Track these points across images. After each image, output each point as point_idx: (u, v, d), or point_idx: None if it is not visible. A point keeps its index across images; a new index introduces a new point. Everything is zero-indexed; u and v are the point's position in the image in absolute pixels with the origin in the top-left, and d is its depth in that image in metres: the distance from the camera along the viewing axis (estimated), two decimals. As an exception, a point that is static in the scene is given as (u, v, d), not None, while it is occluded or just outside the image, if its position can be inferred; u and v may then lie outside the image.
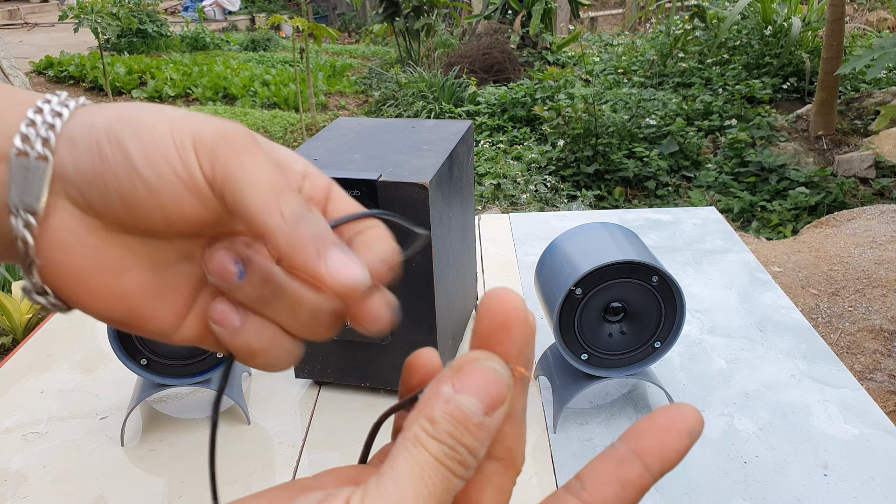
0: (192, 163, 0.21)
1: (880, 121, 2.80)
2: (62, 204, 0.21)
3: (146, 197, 0.21)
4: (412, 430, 0.17)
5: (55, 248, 0.21)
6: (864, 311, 1.87)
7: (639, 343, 0.59)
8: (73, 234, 0.21)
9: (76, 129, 0.21)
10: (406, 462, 0.17)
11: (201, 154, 0.21)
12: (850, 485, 0.55)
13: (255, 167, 0.21)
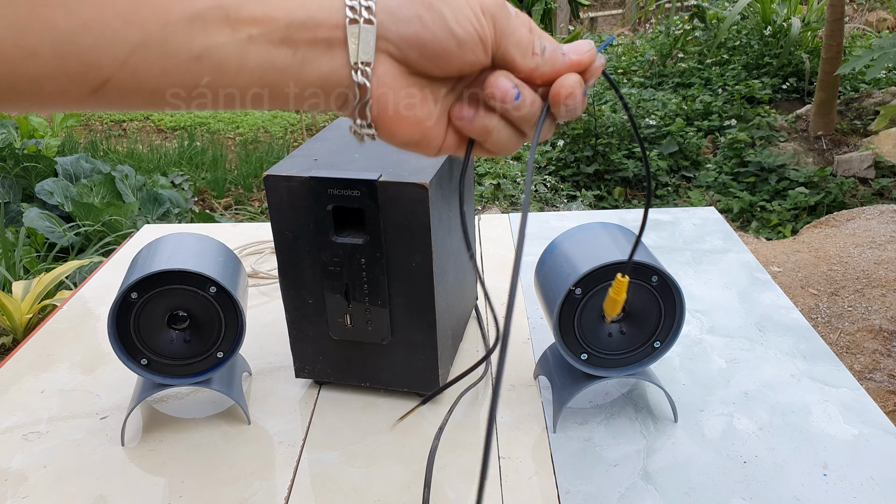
0: (485, 24, 0.30)
1: (880, 121, 2.81)
2: (382, 57, 0.29)
3: (456, 49, 0.30)
4: None
5: (383, 88, 0.30)
6: (864, 311, 1.87)
7: (638, 343, 0.59)
8: (393, 77, 0.30)
9: (391, 1, 0.29)
10: None
11: (487, 18, 0.30)
12: (850, 485, 0.55)
13: (518, 26, 0.31)
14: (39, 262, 2.23)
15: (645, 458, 0.58)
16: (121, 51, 0.26)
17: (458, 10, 0.29)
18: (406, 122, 0.31)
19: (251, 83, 0.29)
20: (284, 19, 0.28)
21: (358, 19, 0.28)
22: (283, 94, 0.29)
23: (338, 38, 0.29)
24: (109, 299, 0.86)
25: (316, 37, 0.28)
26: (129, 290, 0.57)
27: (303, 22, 0.28)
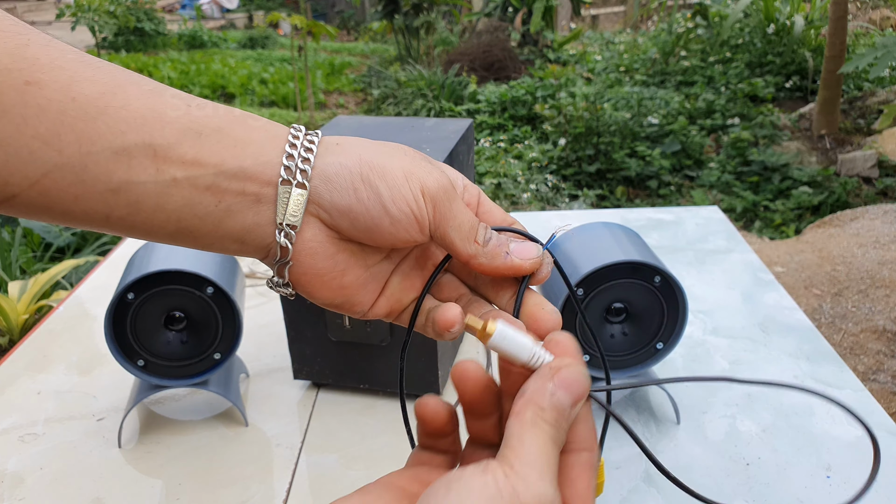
0: (423, 206, 0.28)
1: (883, 119, 2.80)
2: (312, 220, 0.28)
3: (389, 227, 0.28)
4: (527, 416, 0.23)
5: (304, 253, 0.29)
6: (868, 312, 1.87)
7: (641, 344, 0.58)
8: (319, 242, 0.29)
9: (329, 168, 0.28)
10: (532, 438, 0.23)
11: (427, 200, 0.28)
12: (853, 486, 0.55)
13: (460, 212, 0.29)
14: (35, 262, 2.22)
15: (647, 460, 0.58)
16: (34, 171, 0.25)
17: (395, 189, 0.28)
18: (328, 286, 0.30)
19: (167, 224, 0.27)
20: (215, 167, 0.27)
21: (291, 181, 0.27)
22: (201, 239, 0.28)
23: (267, 194, 0.28)
24: (106, 300, 0.86)
25: (245, 189, 0.27)
26: (126, 290, 0.56)
27: (234, 172, 0.27)
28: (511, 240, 0.30)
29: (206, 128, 0.27)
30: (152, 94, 0.27)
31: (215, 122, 0.27)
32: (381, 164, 0.28)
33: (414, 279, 0.32)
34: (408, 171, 0.29)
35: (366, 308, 0.31)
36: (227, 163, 0.27)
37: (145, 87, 0.27)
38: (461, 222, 0.29)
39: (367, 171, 0.28)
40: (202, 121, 0.27)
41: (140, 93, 0.27)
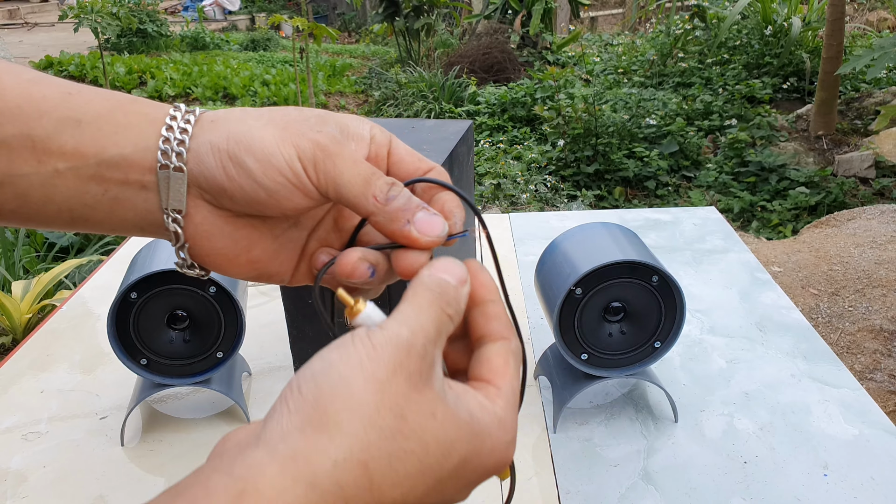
0: (299, 171, 0.27)
1: (880, 121, 2.80)
2: (200, 203, 0.27)
3: (266, 199, 0.27)
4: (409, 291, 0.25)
5: (199, 236, 0.28)
6: (864, 311, 1.87)
7: (639, 343, 0.59)
8: (211, 224, 0.28)
9: (201, 147, 0.27)
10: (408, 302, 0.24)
11: (305, 164, 0.27)
12: (850, 485, 0.55)
13: (346, 167, 0.27)
14: (39, 261, 2.23)
15: (645, 458, 0.58)
16: None
17: (264, 161, 0.26)
18: (235, 263, 0.29)
19: (60, 214, 0.27)
20: (96, 156, 0.26)
21: (168, 165, 0.27)
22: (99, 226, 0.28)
23: (151, 181, 0.27)
24: (109, 299, 0.86)
25: (128, 178, 0.27)
26: (129, 289, 0.57)
27: (116, 161, 0.27)
28: (422, 209, 0.28)
29: (85, 115, 0.26)
30: (30, 84, 0.26)
31: (95, 109, 0.27)
32: (250, 137, 0.27)
33: (333, 242, 0.31)
34: (280, 138, 0.27)
35: (286, 276, 0.30)
36: (107, 151, 0.26)
37: (23, 77, 0.27)
38: (351, 178, 0.27)
39: (234, 147, 0.27)
40: (82, 108, 0.27)
41: (16, 82, 0.26)
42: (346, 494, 0.21)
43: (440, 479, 0.22)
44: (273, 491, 0.20)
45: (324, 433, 0.21)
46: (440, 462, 0.22)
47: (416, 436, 0.22)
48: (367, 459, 0.21)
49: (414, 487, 0.22)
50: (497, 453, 0.24)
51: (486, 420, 0.24)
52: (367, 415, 0.21)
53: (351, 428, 0.21)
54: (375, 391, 0.22)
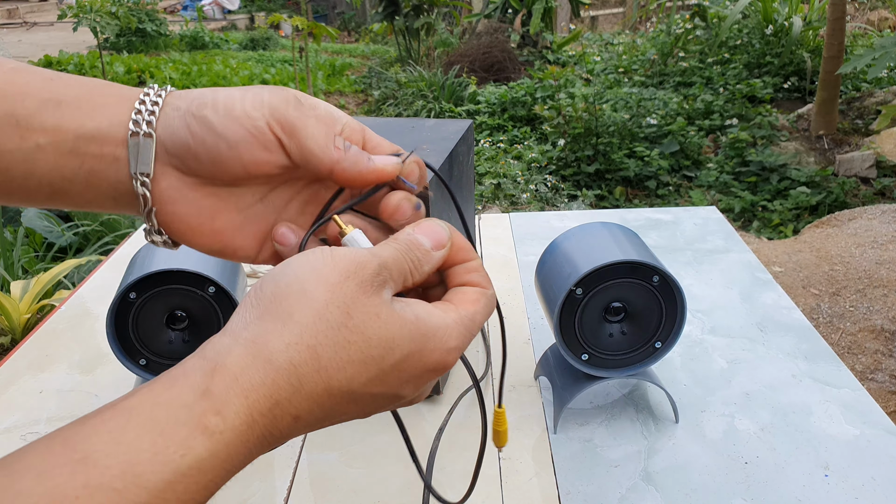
0: (261, 122, 0.28)
1: (881, 120, 2.80)
2: (167, 170, 0.29)
3: (228, 152, 0.28)
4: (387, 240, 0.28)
5: (166, 201, 0.29)
6: (865, 311, 1.87)
7: (639, 343, 0.59)
8: (178, 190, 0.29)
9: (169, 113, 0.29)
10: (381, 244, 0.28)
11: (267, 115, 0.28)
12: (852, 485, 0.55)
13: (309, 122, 0.29)
14: (38, 261, 2.22)
15: (646, 458, 0.58)
16: None
17: (227, 114, 0.28)
18: (198, 232, 0.30)
19: (40, 188, 0.29)
20: (74, 132, 0.28)
21: (138, 132, 0.29)
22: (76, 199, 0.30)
23: (122, 154, 0.29)
24: (108, 299, 0.86)
25: (103, 151, 0.29)
26: (128, 290, 0.56)
27: (92, 135, 0.29)
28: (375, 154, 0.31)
29: (66, 97, 0.29)
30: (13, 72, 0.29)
31: (75, 92, 0.29)
32: (213, 97, 0.29)
33: (303, 224, 0.32)
34: (243, 93, 0.29)
35: (251, 253, 0.31)
36: (85, 126, 0.29)
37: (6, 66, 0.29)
38: (314, 131, 0.29)
39: (197, 106, 0.29)
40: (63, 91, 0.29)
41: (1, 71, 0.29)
42: (298, 372, 0.24)
43: (383, 370, 0.25)
44: (238, 367, 0.24)
45: (278, 321, 0.24)
46: (382, 355, 0.25)
47: (360, 330, 0.25)
48: (315, 345, 0.24)
49: (358, 374, 0.25)
50: (437, 353, 0.27)
51: (432, 322, 0.27)
52: (317, 309, 0.24)
53: (302, 318, 0.24)
54: (326, 290, 0.25)
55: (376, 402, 0.27)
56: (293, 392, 0.24)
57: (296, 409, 0.24)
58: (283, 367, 0.24)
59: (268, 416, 0.24)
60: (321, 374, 0.24)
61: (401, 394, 0.27)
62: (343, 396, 0.25)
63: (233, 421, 0.23)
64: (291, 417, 0.24)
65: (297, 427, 0.25)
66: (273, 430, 0.24)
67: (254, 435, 0.24)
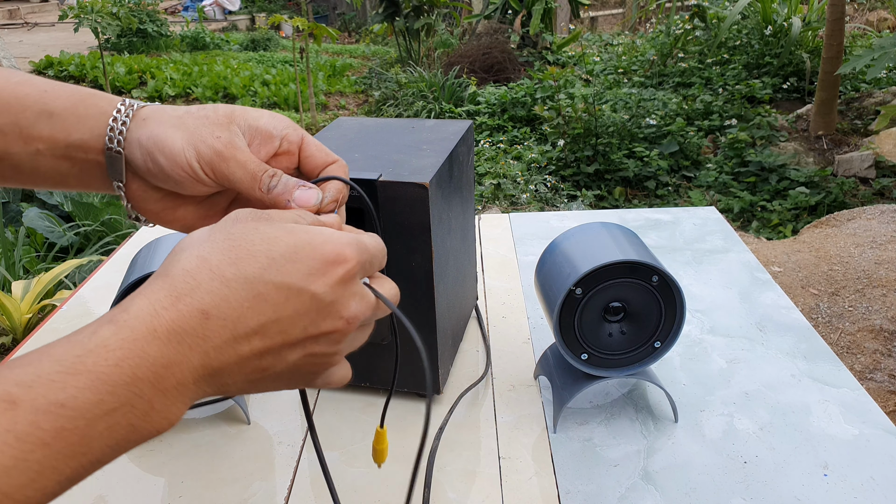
0: (198, 170, 0.36)
1: (880, 120, 2.80)
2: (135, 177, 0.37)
3: (178, 187, 0.37)
4: None
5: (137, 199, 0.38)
6: (865, 311, 1.87)
7: (639, 343, 0.59)
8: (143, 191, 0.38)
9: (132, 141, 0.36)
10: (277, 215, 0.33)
11: (203, 165, 0.36)
12: (851, 485, 0.55)
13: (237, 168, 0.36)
14: (39, 261, 2.23)
15: (645, 458, 0.58)
16: None
17: (172, 160, 0.35)
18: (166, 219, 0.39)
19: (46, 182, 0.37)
20: (64, 140, 0.36)
21: (112, 148, 0.36)
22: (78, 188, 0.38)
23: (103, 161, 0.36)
24: (109, 299, 0.86)
25: (87, 157, 0.36)
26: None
27: (78, 145, 0.36)
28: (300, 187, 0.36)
29: (56, 108, 0.36)
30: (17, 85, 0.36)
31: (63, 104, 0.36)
32: (163, 139, 0.36)
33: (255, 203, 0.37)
34: (186, 141, 0.35)
35: None
36: (71, 137, 0.36)
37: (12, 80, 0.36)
38: (241, 176, 0.36)
39: (151, 147, 0.36)
40: (54, 103, 0.36)
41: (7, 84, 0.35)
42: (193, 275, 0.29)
43: (272, 259, 0.29)
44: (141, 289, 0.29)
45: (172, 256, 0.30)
46: (267, 248, 0.29)
47: (242, 236, 0.30)
48: (205, 256, 0.29)
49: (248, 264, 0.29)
50: (330, 245, 0.30)
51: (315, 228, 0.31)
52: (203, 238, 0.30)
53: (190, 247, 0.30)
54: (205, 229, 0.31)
55: (289, 300, 0.29)
56: (192, 289, 0.28)
57: (199, 303, 0.28)
58: (178, 274, 0.28)
59: (172, 311, 0.27)
60: (214, 271, 0.28)
61: (312, 289, 0.29)
62: (243, 287, 0.28)
63: (136, 312, 0.27)
64: (199, 312, 0.27)
65: (210, 325, 0.28)
66: (183, 324, 0.27)
67: (160, 324, 0.27)
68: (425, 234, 0.56)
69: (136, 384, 0.26)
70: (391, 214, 0.56)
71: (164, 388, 0.27)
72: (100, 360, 0.25)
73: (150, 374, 0.26)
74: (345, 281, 0.30)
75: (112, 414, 0.25)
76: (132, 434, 0.27)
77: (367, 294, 0.32)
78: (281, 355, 0.29)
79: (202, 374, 0.28)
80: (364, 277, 0.32)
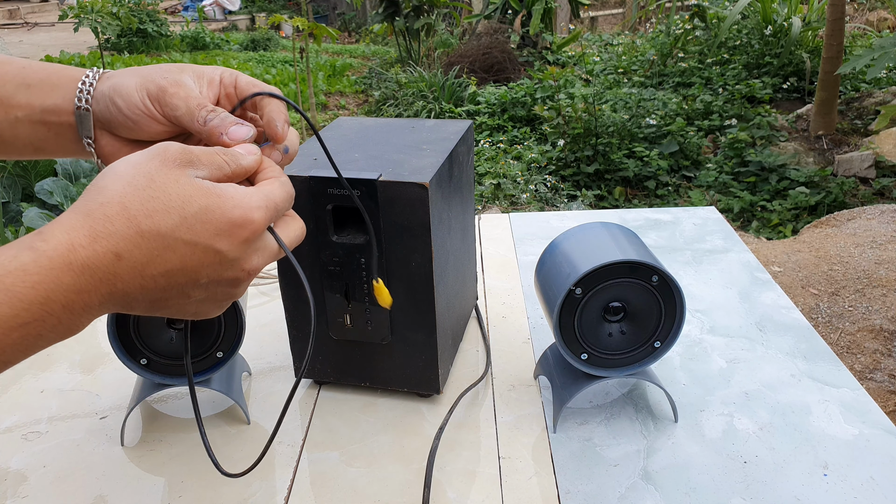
0: (150, 107, 0.41)
1: (880, 120, 2.80)
2: (103, 133, 0.43)
3: (135, 127, 0.42)
4: None
5: (106, 154, 0.43)
6: (864, 311, 1.87)
7: (639, 343, 0.59)
8: (113, 145, 0.43)
9: (97, 94, 0.42)
10: None
11: (152, 100, 0.41)
12: (850, 485, 0.55)
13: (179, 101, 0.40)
14: (40, 261, 2.22)
15: (645, 458, 0.58)
16: None
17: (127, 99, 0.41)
18: None
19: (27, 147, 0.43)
20: (40, 107, 0.42)
21: (80, 107, 0.42)
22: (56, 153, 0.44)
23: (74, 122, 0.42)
24: (109, 299, 0.86)
25: (60, 119, 0.42)
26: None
27: (51, 109, 0.42)
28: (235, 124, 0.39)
29: (33, 80, 0.42)
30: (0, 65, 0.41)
31: (39, 76, 0.42)
32: (121, 84, 0.41)
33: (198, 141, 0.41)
34: (138, 84, 0.41)
35: None
36: (46, 102, 0.42)
37: None
38: (182, 112, 0.40)
39: (111, 92, 0.41)
40: (31, 76, 0.42)
41: None
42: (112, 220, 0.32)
43: (185, 217, 0.32)
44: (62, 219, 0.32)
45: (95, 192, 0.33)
46: (182, 205, 0.32)
47: (161, 188, 0.33)
48: (125, 202, 0.32)
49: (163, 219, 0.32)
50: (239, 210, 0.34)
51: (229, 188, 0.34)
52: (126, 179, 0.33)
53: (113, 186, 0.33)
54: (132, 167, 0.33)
55: (195, 254, 0.33)
56: (109, 233, 0.31)
57: (114, 246, 0.31)
58: (98, 217, 0.32)
59: (88, 249, 0.31)
60: (131, 220, 0.32)
61: (218, 247, 0.33)
62: (155, 239, 0.32)
63: (54, 243, 0.31)
64: (112, 254, 0.31)
65: (121, 265, 0.32)
66: (97, 261, 0.31)
67: (76, 259, 0.31)
68: (425, 234, 0.56)
69: (48, 304, 0.30)
70: (391, 214, 0.56)
71: (73, 310, 0.31)
72: (17, 282, 0.29)
73: (62, 297, 0.30)
74: (248, 240, 0.34)
75: (25, 326, 0.30)
76: (40, 342, 0.31)
77: (270, 244, 0.36)
78: (184, 291, 0.34)
79: (108, 299, 0.32)
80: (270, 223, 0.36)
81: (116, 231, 0.31)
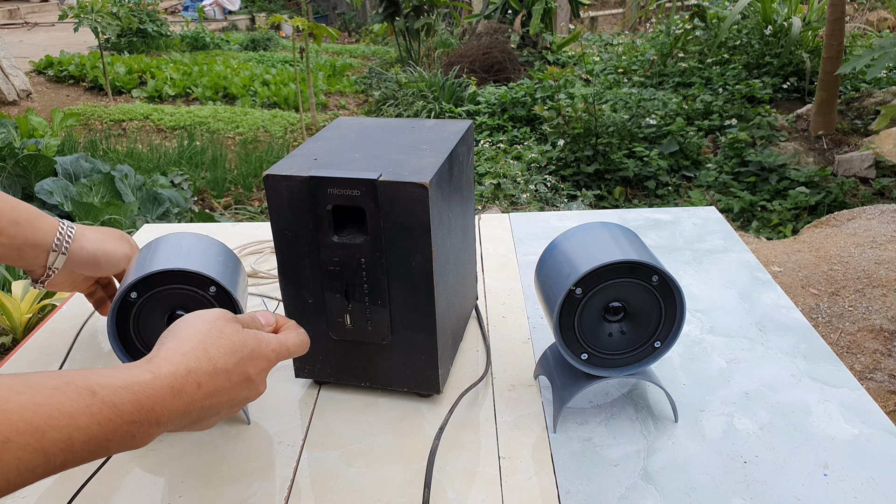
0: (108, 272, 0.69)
1: (880, 120, 2.81)
2: (65, 270, 0.66)
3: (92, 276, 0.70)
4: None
5: (56, 283, 0.67)
6: (865, 311, 1.87)
7: (639, 343, 0.59)
8: (64, 278, 0.67)
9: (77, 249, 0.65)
10: None
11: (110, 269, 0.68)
12: (850, 485, 0.55)
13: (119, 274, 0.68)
14: (40, 261, 2.22)
15: (645, 458, 0.58)
16: None
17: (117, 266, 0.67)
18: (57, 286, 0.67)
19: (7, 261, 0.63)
20: (23, 240, 0.62)
21: (58, 251, 0.63)
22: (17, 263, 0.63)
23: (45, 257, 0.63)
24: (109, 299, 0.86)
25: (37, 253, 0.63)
26: (129, 289, 0.57)
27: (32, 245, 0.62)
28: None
29: (21, 219, 0.61)
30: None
31: (25, 217, 0.61)
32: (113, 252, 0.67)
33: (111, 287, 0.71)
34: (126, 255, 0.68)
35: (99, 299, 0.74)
36: (29, 239, 0.62)
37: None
38: None
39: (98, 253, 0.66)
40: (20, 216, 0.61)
41: None
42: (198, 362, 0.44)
43: (242, 358, 0.46)
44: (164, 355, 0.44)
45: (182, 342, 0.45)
46: (240, 348, 0.46)
47: (227, 337, 0.46)
48: (206, 346, 0.45)
49: (229, 358, 0.45)
50: (266, 351, 0.49)
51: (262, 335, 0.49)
52: (203, 330, 0.46)
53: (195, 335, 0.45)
54: (205, 322, 0.47)
55: (241, 383, 0.46)
56: (196, 368, 0.43)
57: (197, 378, 0.43)
58: (192, 354, 0.44)
59: (182, 379, 0.42)
60: (211, 360, 0.44)
61: (250, 375, 0.47)
62: (223, 372, 0.45)
63: (164, 372, 0.41)
64: (196, 384, 0.42)
65: (199, 392, 0.43)
66: (186, 387, 0.42)
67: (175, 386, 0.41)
68: (425, 234, 0.56)
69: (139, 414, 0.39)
70: (391, 214, 0.56)
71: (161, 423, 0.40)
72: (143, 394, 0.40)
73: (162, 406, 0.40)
74: (266, 371, 0.49)
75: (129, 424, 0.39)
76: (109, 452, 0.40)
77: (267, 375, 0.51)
78: (219, 410, 0.46)
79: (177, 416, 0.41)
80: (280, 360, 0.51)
81: (201, 366, 0.43)
